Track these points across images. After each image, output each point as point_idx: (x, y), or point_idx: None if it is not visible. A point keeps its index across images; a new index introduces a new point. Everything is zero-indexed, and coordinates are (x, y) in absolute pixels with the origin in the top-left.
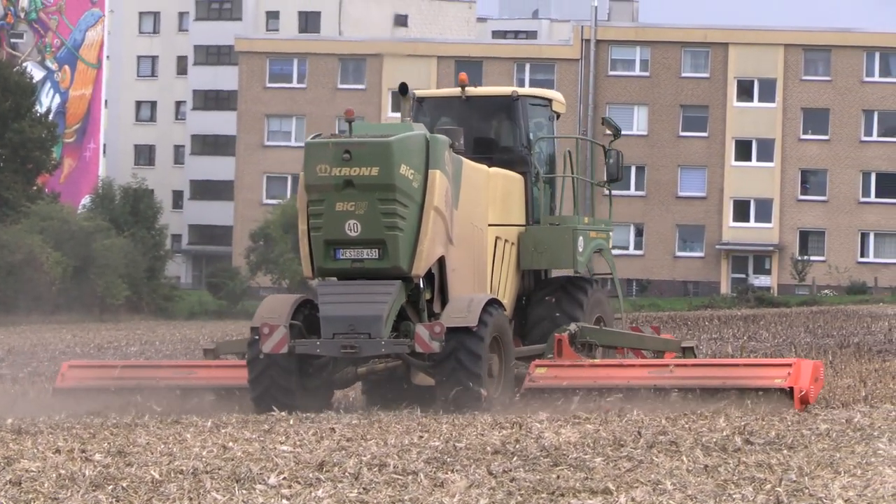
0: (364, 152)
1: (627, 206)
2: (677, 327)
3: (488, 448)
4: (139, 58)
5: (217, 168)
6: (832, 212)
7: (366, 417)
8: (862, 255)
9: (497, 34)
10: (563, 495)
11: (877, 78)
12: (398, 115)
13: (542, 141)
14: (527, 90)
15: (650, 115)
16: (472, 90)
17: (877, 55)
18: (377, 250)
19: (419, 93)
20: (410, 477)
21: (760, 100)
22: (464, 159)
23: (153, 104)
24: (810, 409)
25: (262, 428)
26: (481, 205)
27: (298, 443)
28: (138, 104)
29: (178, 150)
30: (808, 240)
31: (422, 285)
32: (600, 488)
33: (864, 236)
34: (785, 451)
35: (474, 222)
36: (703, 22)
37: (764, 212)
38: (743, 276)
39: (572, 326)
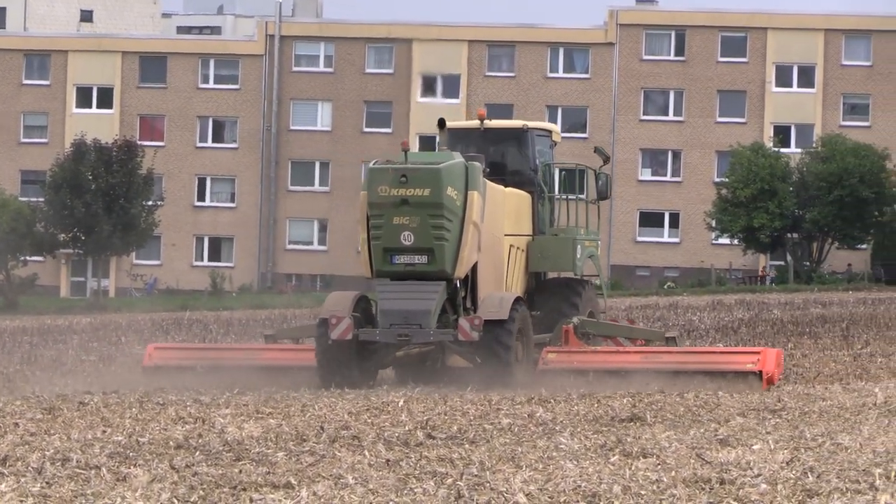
0: (418, 176)
1: (311, 201)
2: None
3: (171, 443)
4: None
5: None
6: None
7: (49, 413)
8: None
9: (182, 30)
10: (245, 490)
11: (561, 74)
12: (84, 110)
13: (545, 165)
14: (533, 123)
15: (334, 111)
16: (489, 123)
17: (561, 51)
18: (426, 256)
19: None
20: (93, 471)
21: (444, 95)
22: (487, 181)
23: None
24: (496, 403)
25: None
26: (500, 218)
27: None
28: None
29: None
30: None
31: (458, 285)
32: (282, 483)
33: None
34: (467, 446)
35: (495, 233)
36: (386, 18)
37: None
38: None
39: (575, 319)
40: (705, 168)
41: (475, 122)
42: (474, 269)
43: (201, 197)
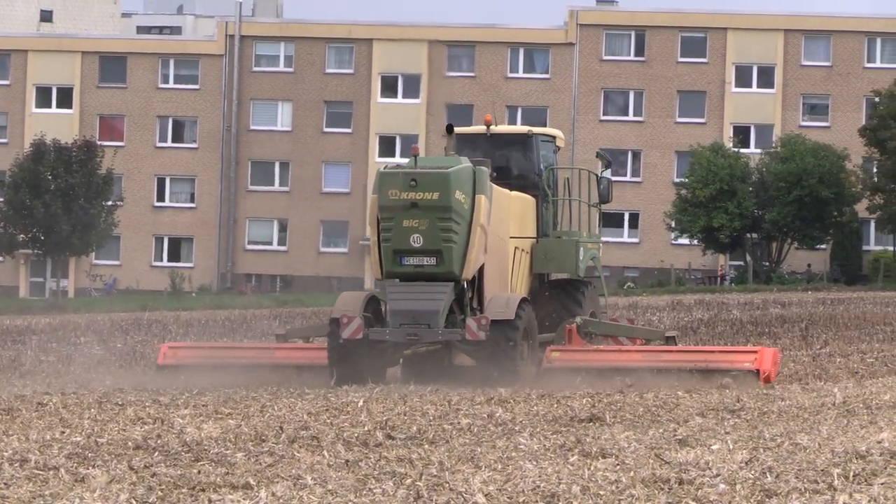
0: (427, 180)
1: (271, 201)
2: (321, 321)
3: (130, 443)
4: None
5: None
6: None
7: (7, 413)
8: None
9: (142, 30)
10: (203, 490)
11: (521, 74)
12: (44, 110)
13: (549, 170)
14: (538, 129)
15: (294, 111)
16: (494, 128)
17: (521, 51)
18: (435, 258)
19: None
20: (52, 472)
21: (405, 96)
22: (493, 185)
23: None
24: (455, 403)
25: None
26: (505, 221)
27: None
28: None
29: None
30: None
31: (465, 286)
32: (241, 483)
33: None
34: (426, 446)
35: (500, 235)
36: (347, 17)
37: None
38: None
39: (578, 319)
40: (665, 168)
41: (482, 128)
42: (481, 270)
43: (161, 197)
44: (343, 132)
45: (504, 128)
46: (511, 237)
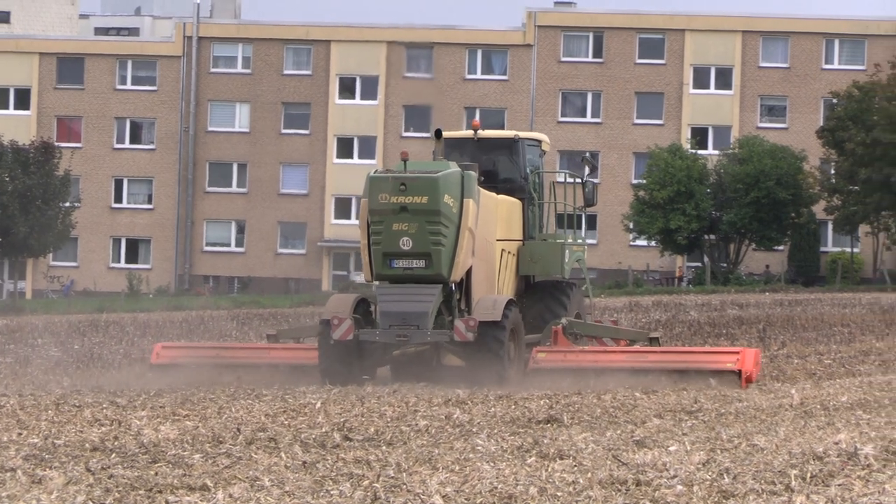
0: (417, 185)
1: (229, 203)
2: (278, 323)
3: (87, 445)
4: None
5: None
6: None
7: None
8: None
9: (99, 31)
10: (160, 492)
11: (479, 75)
12: (1, 111)
13: (535, 173)
14: (524, 133)
15: (252, 113)
16: (482, 133)
17: (479, 52)
18: (424, 261)
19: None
20: (8, 474)
21: (363, 97)
22: (480, 188)
23: None
24: (413, 405)
25: None
26: (492, 224)
27: None
28: None
29: None
30: None
31: (453, 288)
32: (198, 485)
33: None
34: (384, 448)
35: (487, 238)
36: (305, 19)
37: None
38: (345, 272)
39: (563, 320)
40: (623, 170)
41: (469, 132)
42: (469, 272)
43: (118, 198)
44: (301, 133)
45: (491, 132)
46: (498, 240)
